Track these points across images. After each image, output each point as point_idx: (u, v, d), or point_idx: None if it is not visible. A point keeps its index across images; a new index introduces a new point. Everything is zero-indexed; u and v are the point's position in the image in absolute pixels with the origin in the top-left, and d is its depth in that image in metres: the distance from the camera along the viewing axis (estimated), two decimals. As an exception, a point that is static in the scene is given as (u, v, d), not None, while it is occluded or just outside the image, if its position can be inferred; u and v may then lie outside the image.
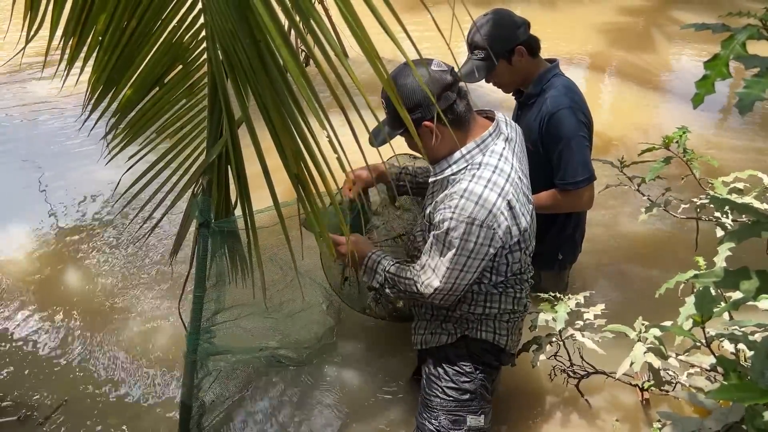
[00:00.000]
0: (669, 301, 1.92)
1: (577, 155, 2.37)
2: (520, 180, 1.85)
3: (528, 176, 1.97)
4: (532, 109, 2.46)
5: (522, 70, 2.41)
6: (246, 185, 1.81)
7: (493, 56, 2.33)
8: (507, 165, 1.80)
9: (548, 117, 2.38)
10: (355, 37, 1.31)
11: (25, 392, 2.61)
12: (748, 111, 0.90)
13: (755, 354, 1.19)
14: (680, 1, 8.23)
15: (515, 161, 1.86)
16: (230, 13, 1.46)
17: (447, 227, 1.75)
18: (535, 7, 7.94)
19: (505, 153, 1.82)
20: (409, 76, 1.75)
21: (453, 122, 1.76)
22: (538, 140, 2.43)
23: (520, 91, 2.57)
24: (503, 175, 1.77)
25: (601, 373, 2.30)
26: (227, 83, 1.67)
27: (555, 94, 2.39)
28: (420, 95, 1.73)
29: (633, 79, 5.85)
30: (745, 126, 4.81)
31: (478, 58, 2.38)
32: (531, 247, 1.95)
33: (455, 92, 1.77)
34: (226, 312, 2.22)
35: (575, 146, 2.38)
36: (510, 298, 1.98)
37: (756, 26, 0.99)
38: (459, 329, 2.02)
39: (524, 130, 2.43)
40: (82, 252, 3.50)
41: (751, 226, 1.09)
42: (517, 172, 1.84)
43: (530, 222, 1.89)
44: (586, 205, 2.55)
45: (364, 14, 1.30)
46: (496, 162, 1.79)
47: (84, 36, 1.75)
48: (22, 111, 5.16)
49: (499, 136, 1.85)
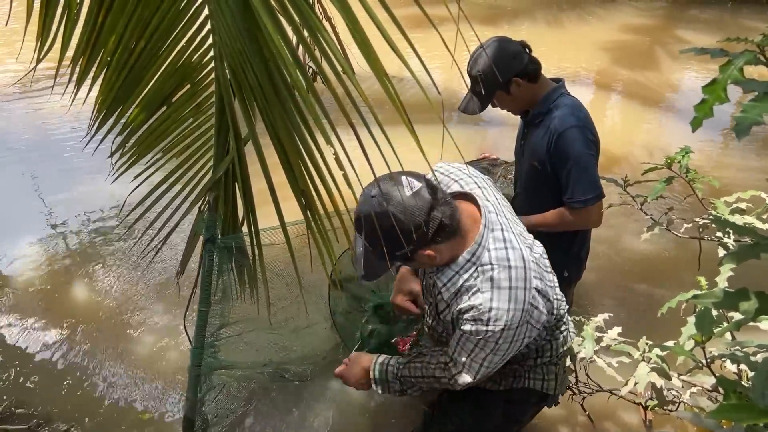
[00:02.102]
0: (674, 318, 1.93)
1: (587, 173, 2.38)
2: (519, 233, 1.71)
3: (511, 209, 1.83)
4: (539, 128, 2.47)
5: (524, 96, 2.42)
6: (252, 202, 1.84)
7: (490, 90, 2.37)
8: (514, 246, 1.63)
9: (556, 136, 2.39)
10: (363, 54, 1.33)
11: (31, 401, 2.64)
12: (745, 135, 0.92)
13: (756, 374, 1.19)
14: (684, 20, 8.29)
15: (505, 214, 1.71)
16: (239, 33, 1.49)
17: (481, 338, 1.59)
18: (542, 25, 8.00)
19: (505, 234, 1.65)
20: (388, 217, 1.51)
21: (448, 236, 1.59)
22: (546, 159, 2.44)
23: (526, 110, 2.59)
24: (518, 262, 1.60)
25: (606, 392, 2.30)
26: (234, 102, 1.70)
27: (562, 114, 2.41)
28: (407, 235, 1.53)
29: (637, 97, 5.88)
30: (749, 145, 4.82)
31: (475, 92, 2.40)
32: (555, 282, 1.82)
33: (440, 203, 1.57)
34: (230, 327, 2.23)
35: (584, 164, 2.38)
36: (558, 341, 1.86)
37: (753, 52, 1.00)
38: (504, 382, 1.88)
39: (531, 149, 2.44)
40: (88, 266, 3.53)
41: (751, 247, 1.10)
42: (514, 228, 1.70)
43: (547, 267, 1.76)
44: (595, 223, 2.56)
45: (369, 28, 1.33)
46: (505, 253, 1.61)
47: (93, 56, 1.79)
48: (32, 126, 5.22)
49: (491, 221, 1.66)
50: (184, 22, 1.74)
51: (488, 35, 2.51)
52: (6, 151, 4.84)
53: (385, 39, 1.32)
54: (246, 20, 1.47)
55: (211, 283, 1.99)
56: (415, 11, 1.32)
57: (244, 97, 1.63)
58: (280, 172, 1.63)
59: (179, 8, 1.70)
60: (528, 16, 8.40)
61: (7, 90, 5.66)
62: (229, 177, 1.90)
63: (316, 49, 1.45)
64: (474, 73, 2.37)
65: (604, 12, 8.56)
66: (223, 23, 1.53)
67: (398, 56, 1.36)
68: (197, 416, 2.25)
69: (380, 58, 1.38)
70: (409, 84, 5.15)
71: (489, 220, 1.65)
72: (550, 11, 8.76)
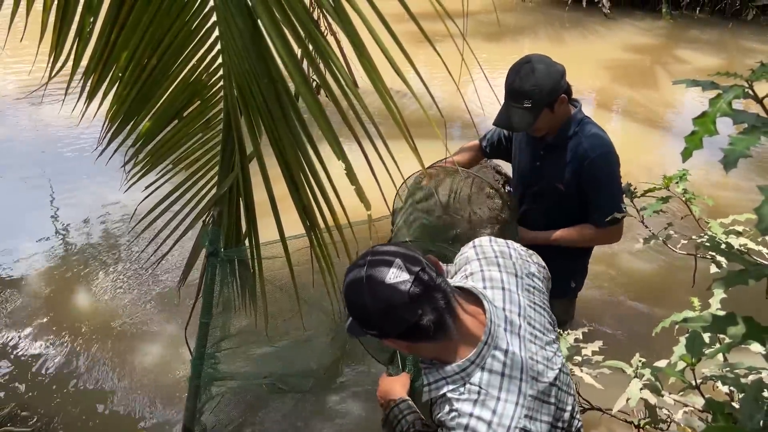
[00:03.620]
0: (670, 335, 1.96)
1: (617, 196, 2.47)
2: (534, 352, 1.46)
3: (539, 309, 1.55)
4: (563, 151, 2.51)
5: (561, 116, 2.46)
6: (254, 217, 1.88)
7: (540, 105, 2.35)
8: (513, 375, 1.41)
9: (589, 160, 2.46)
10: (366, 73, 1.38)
11: (35, 405, 2.70)
12: (733, 167, 0.96)
13: (745, 397, 1.23)
14: (685, 40, 8.36)
15: (525, 323, 1.47)
16: (248, 53, 1.54)
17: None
18: (544, 42, 8.08)
19: (509, 355, 1.43)
20: (362, 294, 1.37)
21: (429, 338, 1.38)
22: (573, 181, 2.49)
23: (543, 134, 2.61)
24: (510, 396, 1.39)
25: (597, 410, 2.32)
26: (241, 119, 1.74)
27: (593, 138, 2.47)
28: (374, 318, 1.38)
29: (637, 116, 5.94)
30: (748, 165, 4.86)
31: (523, 107, 2.37)
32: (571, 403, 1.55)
33: (421, 304, 1.35)
34: (231, 339, 2.26)
35: (617, 187, 2.48)
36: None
37: (742, 87, 1.04)
38: None
39: (554, 171, 2.48)
40: (92, 274, 3.57)
41: (739, 273, 1.14)
42: (527, 344, 1.46)
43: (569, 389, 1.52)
44: (616, 240, 2.65)
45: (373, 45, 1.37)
46: (498, 381, 1.40)
47: (105, 71, 1.83)
48: (41, 136, 5.27)
49: (496, 336, 1.43)
50: (195, 41, 1.79)
51: (492, 52, 2.56)
52: (14, 159, 4.88)
53: (387, 59, 1.37)
54: (255, 42, 1.51)
55: (213, 296, 2.02)
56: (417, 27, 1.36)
57: (251, 115, 1.67)
58: (281, 185, 1.67)
59: (191, 28, 1.75)
60: (531, 33, 8.48)
61: (18, 101, 5.72)
62: (234, 192, 1.94)
63: (321, 63, 1.51)
64: (527, 87, 2.34)
65: (606, 30, 8.64)
66: (232, 44, 1.58)
67: (399, 76, 1.40)
68: (196, 426, 2.27)
69: (384, 72, 1.42)
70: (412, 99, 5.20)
71: (493, 334, 1.42)
72: (553, 28, 8.85)
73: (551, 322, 1.58)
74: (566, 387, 1.52)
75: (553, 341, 1.54)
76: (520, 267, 1.58)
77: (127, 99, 1.88)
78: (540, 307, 1.55)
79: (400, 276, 1.34)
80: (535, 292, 1.57)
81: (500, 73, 2.59)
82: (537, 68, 2.36)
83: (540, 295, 1.58)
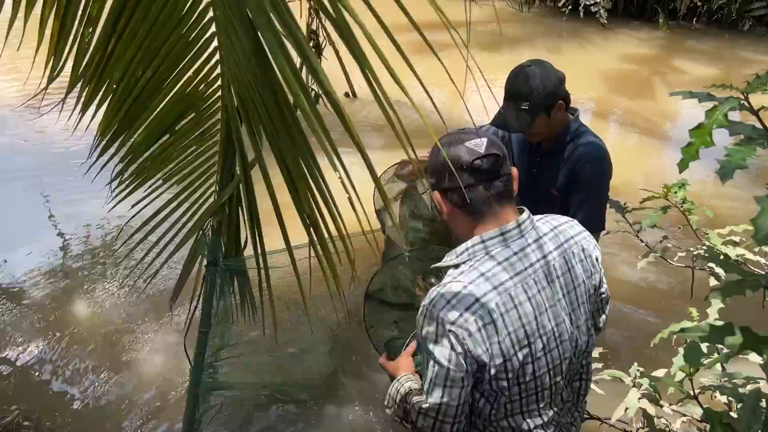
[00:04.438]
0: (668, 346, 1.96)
1: (600, 207, 2.47)
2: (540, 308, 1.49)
3: (582, 302, 1.57)
4: (558, 158, 2.52)
5: (558, 122, 2.46)
6: (259, 225, 1.87)
7: (536, 109, 2.36)
8: (505, 275, 1.47)
9: (582, 163, 2.45)
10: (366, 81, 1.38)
11: (38, 416, 2.70)
12: (729, 178, 0.97)
13: (743, 407, 1.23)
14: (683, 50, 8.41)
15: (535, 283, 1.49)
16: (249, 65, 1.55)
17: (420, 325, 1.48)
18: (542, 52, 8.11)
19: (514, 262, 1.49)
20: (444, 138, 1.56)
21: (466, 208, 1.52)
22: (565, 187, 2.50)
23: (539, 141, 2.62)
24: (489, 285, 1.45)
25: (596, 419, 2.32)
26: (241, 127, 1.75)
27: (590, 145, 2.47)
28: (435, 161, 1.57)
29: (635, 126, 5.96)
30: (746, 176, 4.88)
31: (520, 109, 2.38)
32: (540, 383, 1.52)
33: (477, 176, 1.50)
34: (230, 348, 2.26)
35: (602, 197, 2.48)
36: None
37: (737, 99, 1.06)
38: None
39: (550, 178, 2.48)
40: (89, 284, 3.57)
41: (737, 284, 1.14)
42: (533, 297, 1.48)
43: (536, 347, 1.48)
44: None
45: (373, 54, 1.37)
46: (492, 265, 1.47)
47: (101, 83, 1.84)
48: (36, 146, 5.27)
49: (516, 238, 1.51)
50: (192, 53, 1.79)
51: (490, 62, 2.58)
52: (9, 169, 4.89)
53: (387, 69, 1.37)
54: (257, 55, 1.52)
55: (212, 305, 2.03)
56: (417, 36, 1.37)
57: (252, 124, 1.68)
58: (283, 194, 1.67)
59: (188, 40, 1.75)
60: (528, 44, 8.52)
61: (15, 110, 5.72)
62: (233, 201, 1.95)
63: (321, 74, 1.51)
64: (525, 88, 2.35)
65: (604, 41, 8.68)
66: (233, 55, 1.59)
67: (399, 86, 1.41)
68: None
69: (385, 81, 1.43)
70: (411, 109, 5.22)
71: (515, 233, 1.50)
72: (551, 39, 8.89)
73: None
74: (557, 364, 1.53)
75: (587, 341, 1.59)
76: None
77: (120, 111, 1.87)
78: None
79: (478, 147, 1.51)
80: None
81: (499, 83, 2.60)
82: (536, 72, 2.37)
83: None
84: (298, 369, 2.63)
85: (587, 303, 1.57)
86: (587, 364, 1.65)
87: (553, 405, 1.56)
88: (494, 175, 1.51)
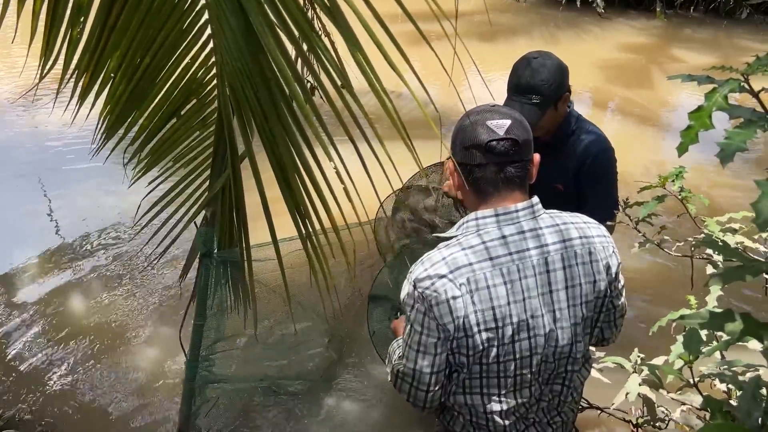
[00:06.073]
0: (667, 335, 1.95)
1: (613, 195, 2.49)
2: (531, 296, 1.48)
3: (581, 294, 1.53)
4: (561, 151, 2.49)
5: (561, 114, 2.43)
6: (245, 218, 1.86)
7: (548, 102, 2.29)
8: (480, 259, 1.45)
9: (592, 157, 2.43)
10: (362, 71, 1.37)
11: (38, 411, 2.70)
12: (729, 161, 0.95)
13: (743, 394, 1.22)
14: (680, 39, 8.38)
15: (531, 271, 1.47)
16: (241, 52, 1.53)
17: (403, 290, 1.51)
18: (539, 42, 8.09)
19: (509, 241, 1.48)
20: (473, 113, 1.55)
21: (474, 186, 1.52)
22: (573, 180, 2.47)
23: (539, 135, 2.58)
24: (469, 258, 1.45)
25: (595, 408, 2.31)
26: (233, 119, 1.73)
27: (593, 135, 2.45)
28: (456, 133, 1.57)
29: (632, 115, 5.94)
30: (745, 164, 4.87)
31: (531, 103, 2.28)
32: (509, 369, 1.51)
33: (489, 157, 1.48)
34: (226, 341, 2.24)
35: (614, 186, 2.50)
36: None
37: (738, 80, 1.03)
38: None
39: (554, 172, 2.37)
40: (86, 277, 3.55)
41: (736, 269, 1.13)
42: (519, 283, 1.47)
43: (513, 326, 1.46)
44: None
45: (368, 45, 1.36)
46: (475, 243, 1.47)
47: (97, 72, 1.82)
48: (33, 140, 5.24)
49: (510, 222, 1.49)
50: (188, 41, 1.77)
51: (486, 52, 2.55)
52: (6, 164, 4.86)
53: (384, 57, 1.36)
54: (248, 41, 1.50)
55: (207, 298, 2.01)
56: (413, 27, 1.35)
57: (243, 115, 1.66)
58: (274, 188, 1.65)
59: (182, 27, 1.73)
60: (525, 34, 8.48)
61: (8, 104, 5.69)
62: (227, 192, 1.93)
63: (315, 63, 1.49)
64: (536, 82, 2.27)
65: (601, 30, 8.65)
66: (224, 43, 1.56)
67: (396, 73, 1.39)
68: (191, 429, 2.26)
69: (379, 73, 1.41)
70: (407, 99, 5.20)
71: (511, 216, 1.48)
72: (547, 29, 8.86)
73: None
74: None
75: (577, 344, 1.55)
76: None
77: (120, 99, 1.86)
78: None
79: (499, 129, 1.48)
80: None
81: (496, 74, 2.58)
82: (546, 64, 2.29)
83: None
84: (295, 361, 2.61)
85: (582, 307, 1.53)
86: (572, 371, 1.58)
87: (518, 396, 1.53)
88: (507, 159, 1.49)
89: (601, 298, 1.57)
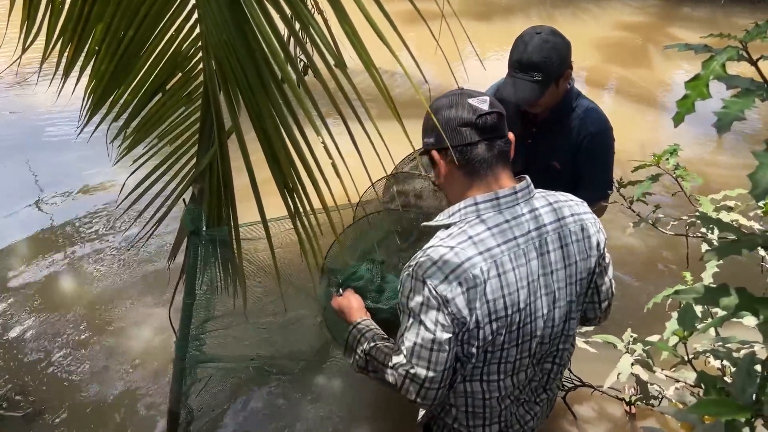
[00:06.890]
0: (662, 313, 1.94)
1: (609, 173, 2.47)
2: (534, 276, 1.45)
3: (571, 277, 1.51)
4: (561, 128, 2.44)
5: (562, 92, 2.37)
6: (232, 195, 1.82)
7: (550, 78, 2.23)
8: (494, 239, 1.42)
9: (590, 136, 2.39)
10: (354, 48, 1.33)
11: (30, 390, 2.69)
12: (726, 131, 0.92)
13: (737, 370, 1.20)
14: (677, 18, 8.32)
15: (527, 251, 1.44)
16: (226, 23, 1.48)
17: (405, 286, 1.45)
18: (535, 21, 7.95)
19: (504, 229, 1.44)
20: (445, 97, 1.51)
21: (464, 167, 1.48)
22: (569, 159, 2.43)
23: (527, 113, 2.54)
24: (478, 247, 1.41)
25: (588, 386, 2.31)
26: (220, 93, 1.68)
27: (593, 114, 2.41)
28: (435, 118, 1.48)
29: (629, 94, 5.90)
30: (740, 143, 4.85)
31: (533, 80, 2.22)
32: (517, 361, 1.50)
33: (480, 136, 1.46)
34: (217, 320, 2.22)
35: (611, 165, 2.47)
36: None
37: (736, 48, 1.00)
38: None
39: (550, 150, 2.40)
40: (75, 256, 3.52)
41: (732, 243, 1.10)
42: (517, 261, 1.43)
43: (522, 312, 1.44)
44: (600, 214, 2.61)
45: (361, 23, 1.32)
46: (481, 230, 1.43)
47: (81, 45, 1.77)
48: (18, 118, 5.19)
49: (510, 204, 1.46)
50: (172, 10, 1.72)
51: (482, 31, 2.50)
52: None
53: (377, 35, 1.32)
54: (233, 10, 1.46)
55: (196, 276, 1.98)
56: (408, 6, 1.31)
57: (229, 89, 1.61)
58: (264, 171, 1.62)
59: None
60: (522, 13, 8.40)
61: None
62: (215, 169, 1.89)
63: (308, 41, 1.45)
64: (539, 58, 2.20)
65: (598, 9, 8.57)
66: (209, 12, 1.52)
67: (390, 51, 1.35)
68: (182, 409, 2.24)
69: (373, 51, 1.38)
70: (401, 79, 5.16)
71: (509, 200, 1.45)
72: (544, 8, 8.77)
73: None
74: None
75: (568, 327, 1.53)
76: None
77: (105, 73, 1.81)
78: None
79: (482, 104, 1.46)
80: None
81: (492, 53, 2.53)
82: (549, 40, 2.22)
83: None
84: (288, 341, 2.60)
85: (576, 285, 1.51)
86: (563, 350, 1.57)
87: (514, 379, 1.52)
88: (497, 133, 1.48)
89: (592, 274, 1.54)
